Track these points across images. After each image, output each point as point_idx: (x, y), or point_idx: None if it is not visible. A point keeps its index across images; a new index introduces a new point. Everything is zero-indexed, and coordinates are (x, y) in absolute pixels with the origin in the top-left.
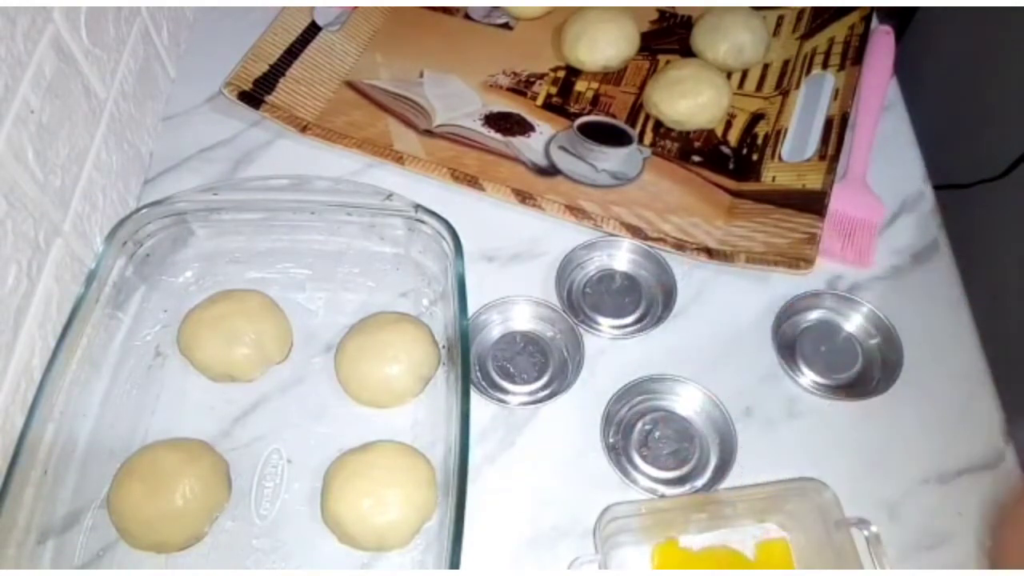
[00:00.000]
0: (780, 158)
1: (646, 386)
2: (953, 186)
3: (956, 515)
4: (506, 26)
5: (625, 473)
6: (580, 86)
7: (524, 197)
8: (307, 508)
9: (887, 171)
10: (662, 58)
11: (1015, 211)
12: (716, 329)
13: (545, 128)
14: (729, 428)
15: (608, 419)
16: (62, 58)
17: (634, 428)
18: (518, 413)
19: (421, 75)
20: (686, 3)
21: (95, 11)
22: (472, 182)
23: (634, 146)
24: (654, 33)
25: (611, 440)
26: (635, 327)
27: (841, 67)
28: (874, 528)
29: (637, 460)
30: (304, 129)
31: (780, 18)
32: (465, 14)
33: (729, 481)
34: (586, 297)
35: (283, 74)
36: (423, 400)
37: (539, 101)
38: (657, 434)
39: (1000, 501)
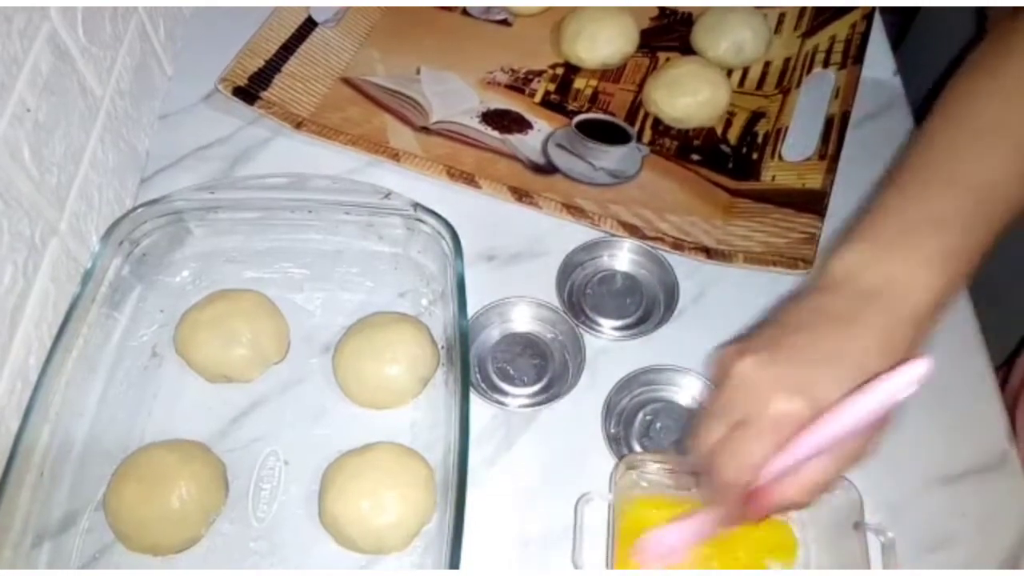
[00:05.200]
0: (780, 157)
1: (647, 377)
2: None
3: (960, 516)
4: (504, 22)
5: None
6: (579, 83)
7: (521, 195)
8: (305, 510)
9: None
10: (662, 55)
11: None
12: (718, 329)
13: (543, 126)
14: None
15: (609, 410)
16: (58, 56)
17: (635, 419)
18: (518, 415)
19: (418, 72)
20: (687, 1)
21: (91, 9)
22: (469, 180)
23: (633, 144)
24: (654, 30)
25: (612, 431)
26: (636, 328)
27: (842, 66)
28: (890, 534)
29: (638, 450)
30: (299, 125)
31: (781, 16)
32: (463, 10)
33: None
34: (587, 298)
35: (279, 70)
36: (422, 401)
37: (537, 98)
38: (658, 425)
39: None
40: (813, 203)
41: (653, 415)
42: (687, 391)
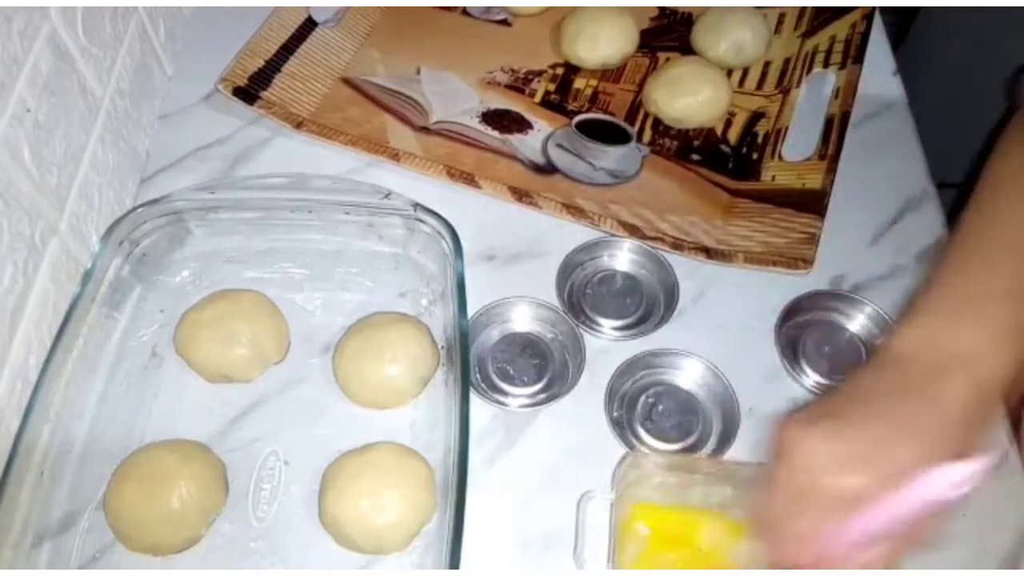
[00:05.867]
0: (780, 157)
1: (648, 360)
2: (957, 185)
3: (960, 516)
4: (504, 23)
5: (630, 446)
6: (579, 83)
7: (521, 195)
8: (305, 510)
9: (890, 170)
10: (662, 55)
11: None
12: (718, 329)
13: (543, 126)
14: (731, 399)
15: (612, 393)
16: (58, 56)
17: (637, 402)
18: (518, 415)
19: (418, 72)
20: (687, 1)
21: (91, 9)
22: (469, 180)
23: (633, 144)
24: (654, 30)
25: (615, 414)
26: (636, 328)
27: (842, 66)
28: None
29: (641, 433)
30: (299, 125)
31: (781, 16)
32: (463, 10)
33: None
34: (587, 298)
35: (279, 70)
36: (422, 401)
37: (537, 98)
38: (660, 407)
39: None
40: (813, 203)
41: (655, 398)
42: (688, 374)
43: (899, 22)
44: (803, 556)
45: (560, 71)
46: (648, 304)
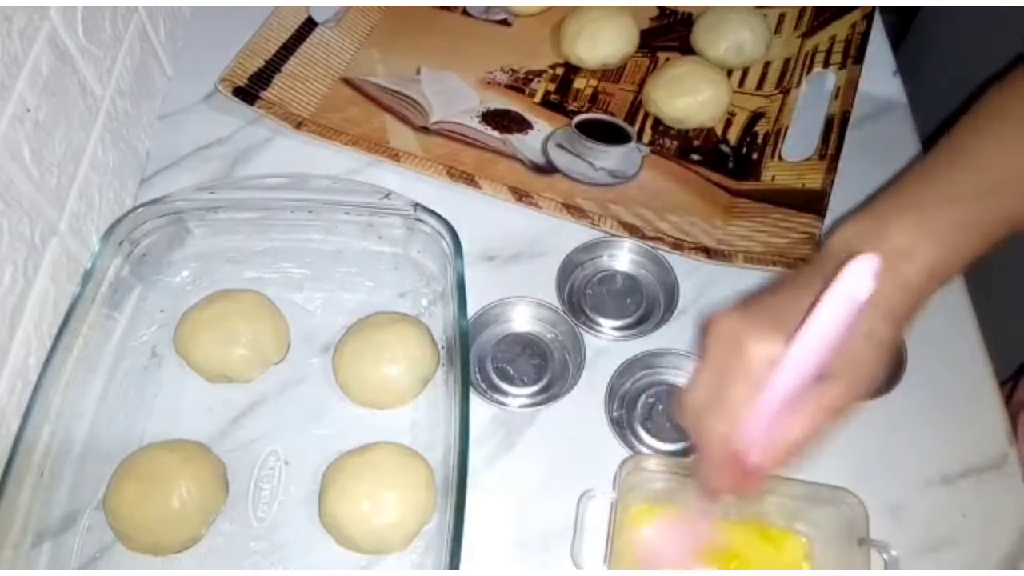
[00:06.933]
0: (780, 157)
1: (648, 360)
2: None
3: (960, 516)
4: (504, 22)
5: (630, 446)
6: (579, 83)
7: (521, 195)
8: (305, 510)
9: (890, 170)
10: (662, 55)
11: None
12: None
13: (543, 126)
14: None
15: (612, 393)
16: (58, 56)
17: (637, 402)
18: (518, 415)
19: (418, 72)
20: (687, 1)
21: (91, 9)
22: (469, 180)
23: (633, 144)
24: (654, 30)
25: (615, 414)
26: (636, 328)
27: (842, 65)
28: (894, 552)
29: (641, 433)
30: (299, 125)
31: (781, 16)
32: (463, 10)
33: None
34: (587, 298)
35: (279, 70)
36: (422, 401)
37: (537, 98)
38: (661, 407)
39: None
40: (813, 203)
41: (655, 398)
42: (688, 374)
43: (899, 22)
44: (726, 429)
45: (560, 71)
46: (648, 304)
